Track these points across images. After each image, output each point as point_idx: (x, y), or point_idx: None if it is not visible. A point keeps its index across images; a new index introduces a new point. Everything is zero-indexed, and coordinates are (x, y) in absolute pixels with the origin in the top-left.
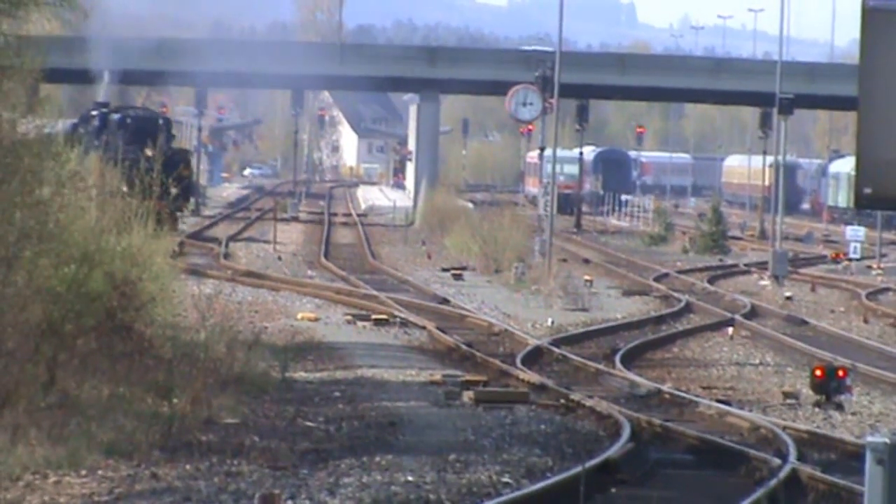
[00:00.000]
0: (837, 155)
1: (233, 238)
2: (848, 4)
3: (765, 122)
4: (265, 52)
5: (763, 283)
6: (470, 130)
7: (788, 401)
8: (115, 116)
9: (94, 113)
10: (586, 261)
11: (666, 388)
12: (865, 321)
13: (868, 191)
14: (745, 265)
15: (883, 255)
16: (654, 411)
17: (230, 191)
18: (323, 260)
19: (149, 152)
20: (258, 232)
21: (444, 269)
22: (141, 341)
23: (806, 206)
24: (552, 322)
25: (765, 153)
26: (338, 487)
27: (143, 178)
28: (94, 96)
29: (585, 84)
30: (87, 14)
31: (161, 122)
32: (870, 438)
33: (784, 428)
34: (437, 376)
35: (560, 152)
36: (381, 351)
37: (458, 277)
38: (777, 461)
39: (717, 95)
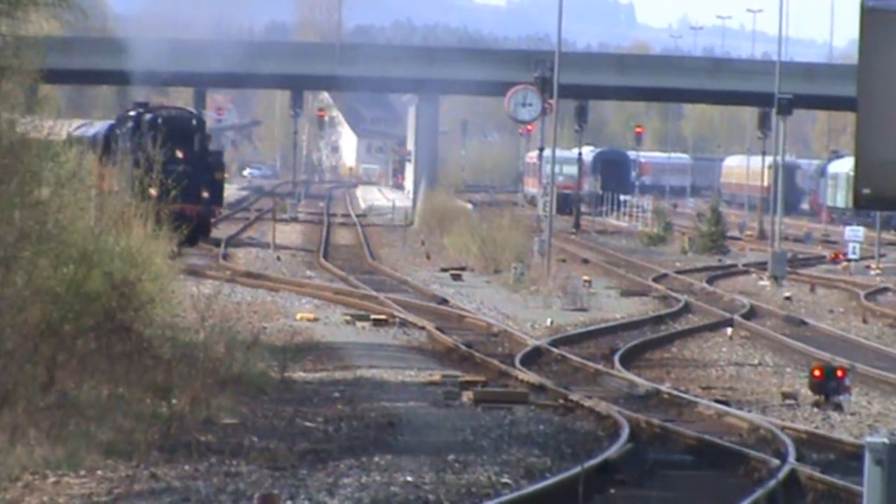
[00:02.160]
0: (836, 155)
1: (232, 238)
2: (847, 5)
3: (763, 123)
4: (264, 53)
5: (762, 283)
6: (469, 131)
7: (787, 401)
8: (147, 117)
9: (130, 113)
10: (585, 261)
11: (665, 388)
12: (864, 321)
13: (867, 191)
14: (744, 265)
15: (882, 256)
16: (653, 411)
17: (229, 191)
18: (322, 260)
19: (179, 153)
20: (257, 232)
21: (443, 270)
22: (140, 342)
23: (805, 206)
24: (551, 322)
25: (764, 153)
26: (337, 488)
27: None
28: (95, 97)
29: (584, 84)
30: (87, 14)
31: (195, 122)
32: (869, 439)
33: (783, 428)
34: (437, 377)
35: (559, 153)
36: (380, 351)
37: (457, 278)
38: (776, 461)
39: (715, 96)
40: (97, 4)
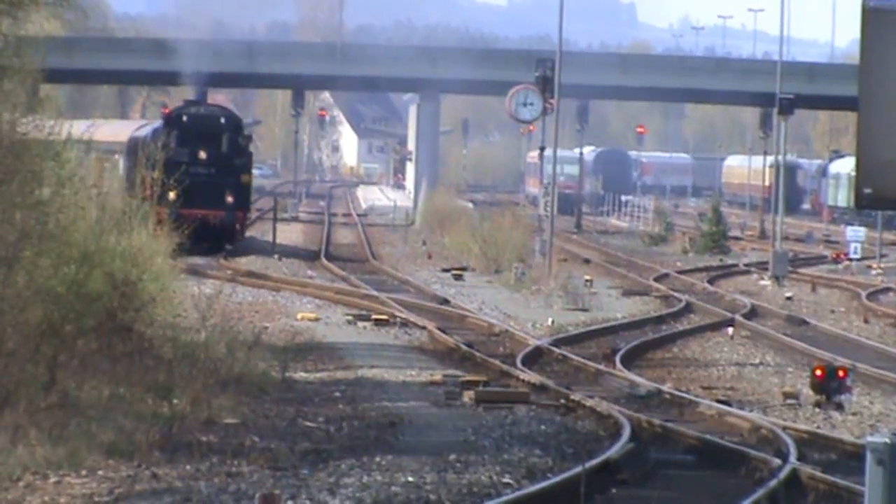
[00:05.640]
0: (837, 155)
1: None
2: (848, 4)
3: (765, 123)
4: (265, 52)
5: (763, 283)
6: (470, 130)
7: (789, 401)
8: (173, 115)
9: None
10: (586, 261)
11: (666, 388)
12: (865, 321)
13: (868, 191)
14: (746, 265)
15: (883, 256)
16: (655, 411)
17: None
18: (323, 260)
19: (203, 154)
20: (258, 232)
21: (445, 270)
22: (141, 342)
23: (806, 206)
24: (552, 322)
25: (765, 153)
26: (338, 488)
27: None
28: (96, 97)
29: (586, 84)
30: (87, 14)
31: (223, 121)
32: (870, 439)
33: (784, 428)
34: (438, 376)
35: (560, 152)
36: (381, 351)
37: (458, 278)
38: (777, 461)
39: (717, 95)
40: (98, 4)
